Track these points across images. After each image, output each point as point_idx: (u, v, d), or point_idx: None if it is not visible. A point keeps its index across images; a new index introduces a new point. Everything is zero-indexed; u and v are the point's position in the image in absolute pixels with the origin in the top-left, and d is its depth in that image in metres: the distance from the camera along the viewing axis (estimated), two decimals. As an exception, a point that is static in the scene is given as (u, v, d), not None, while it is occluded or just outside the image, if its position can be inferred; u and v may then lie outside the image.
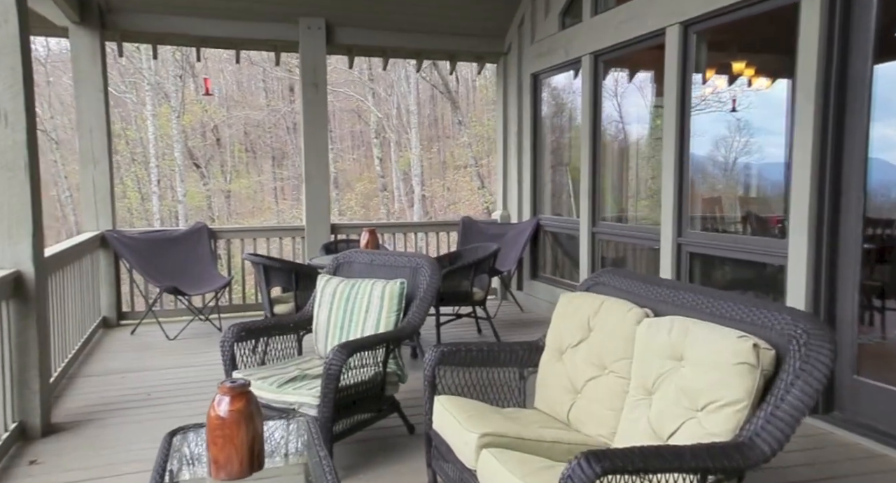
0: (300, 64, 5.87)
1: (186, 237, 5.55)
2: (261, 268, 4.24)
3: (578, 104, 5.34)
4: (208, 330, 5.28)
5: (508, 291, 5.96)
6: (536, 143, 5.98)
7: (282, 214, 23.76)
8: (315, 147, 5.88)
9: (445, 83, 22.11)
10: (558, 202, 6.05)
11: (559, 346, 2.43)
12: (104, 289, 5.37)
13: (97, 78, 5.27)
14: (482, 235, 6.19)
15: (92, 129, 5.27)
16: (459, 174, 25.24)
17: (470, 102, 24.07)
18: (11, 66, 2.96)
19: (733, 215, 5.29)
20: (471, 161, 22.06)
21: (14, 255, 3.02)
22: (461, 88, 23.19)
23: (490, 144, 24.83)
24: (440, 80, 21.54)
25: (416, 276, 3.09)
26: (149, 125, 18.29)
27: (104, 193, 5.34)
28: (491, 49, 6.37)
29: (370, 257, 3.29)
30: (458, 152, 24.79)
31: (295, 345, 3.17)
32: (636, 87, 5.11)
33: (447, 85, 22.43)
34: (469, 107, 23.48)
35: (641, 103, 5.07)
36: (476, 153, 22.30)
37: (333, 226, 6.01)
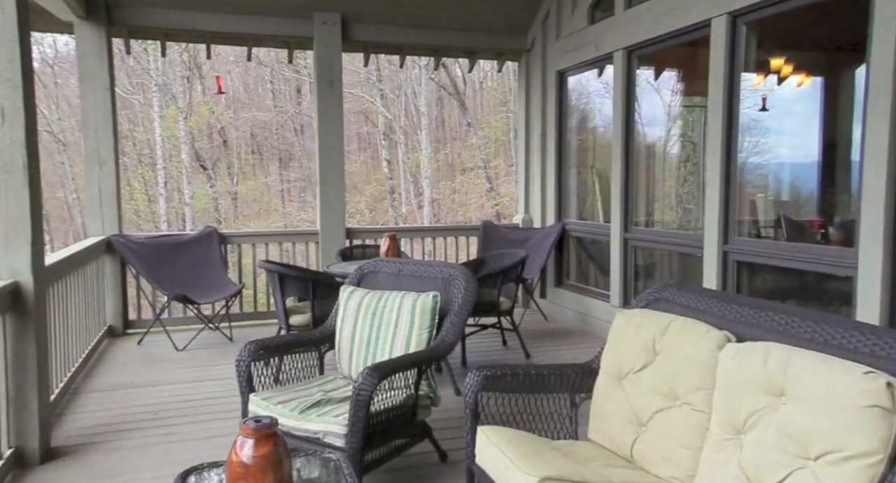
0: (315, 61, 5.63)
1: (196, 242, 5.30)
2: (276, 276, 3.98)
3: (608, 103, 5.07)
4: (218, 340, 5.03)
5: (532, 299, 5.68)
6: (561, 144, 5.71)
7: (288, 217, 23.57)
8: (330, 147, 5.63)
9: (454, 84, 21.87)
10: (584, 206, 5.77)
11: (618, 371, 2.16)
12: (110, 296, 5.13)
13: (103, 75, 5.03)
14: (504, 241, 5.92)
15: (98, 129, 5.04)
16: (467, 177, 24.98)
17: (476, 104, 23.82)
18: (9, 57, 2.71)
19: (767, 219, 5.01)
20: (479, 163, 21.80)
21: (11, 265, 2.78)
22: (468, 90, 22.95)
23: (498, 146, 24.57)
24: (449, 82, 21.30)
25: (448, 288, 2.82)
26: (156, 127, 18.13)
27: (110, 196, 5.10)
28: (512, 46, 6.11)
29: (397, 267, 3.03)
30: (466, 154, 24.55)
31: (316, 363, 2.90)
32: (671, 84, 4.83)
33: (456, 86, 22.20)
34: (476, 108, 23.23)
35: (677, 101, 4.80)
36: (485, 155, 22.03)
37: (348, 230, 5.75)
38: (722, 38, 3.63)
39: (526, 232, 5.96)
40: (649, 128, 4.85)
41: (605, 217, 5.55)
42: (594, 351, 4.85)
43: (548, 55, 5.75)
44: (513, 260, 4.43)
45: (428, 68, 17.61)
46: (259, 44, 5.86)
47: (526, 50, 6.10)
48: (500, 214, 21.29)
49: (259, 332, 5.32)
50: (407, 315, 2.71)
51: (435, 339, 2.69)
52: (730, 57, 3.62)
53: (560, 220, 5.74)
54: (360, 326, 2.82)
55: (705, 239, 3.81)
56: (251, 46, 5.86)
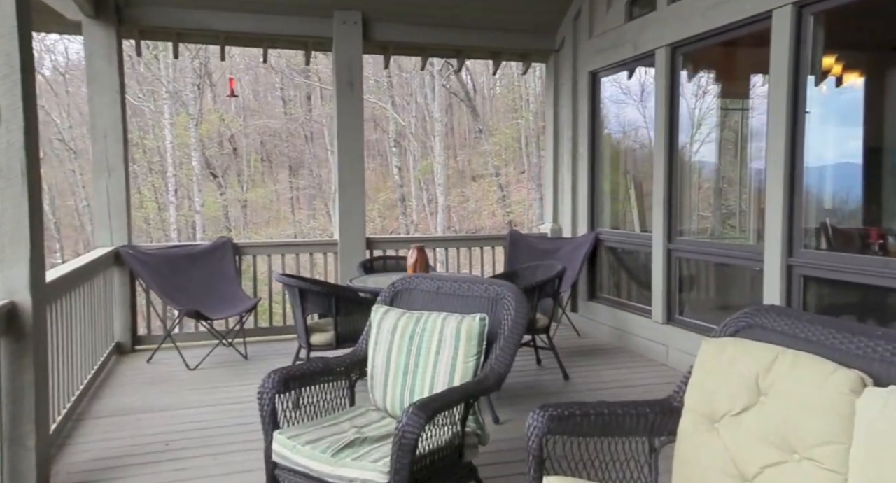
0: (334, 62, 5.35)
1: (209, 253, 5.02)
2: (296, 291, 3.68)
3: (646, 104, 4.75)
4: (232, 357, 4.73)
5: (563, 313, 5.35)
6: (594, 149, 5.39)
7: (298, 225, 23.39)
8: (350, 151, 5.34)
9: (466, 90, 21.63)
10: (619, 214, 5.44)
11: (709, 412, 1.83)
12: (118, 311, 4.85)
13: (113, 78, 4.78)
14: (532, 251, 5.60)
15: (107, 135, 4.78)
16: (479, 184, 24.71)
17: (486, 111, 23.58)
18: (6, 51, 2.44)
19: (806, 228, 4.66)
20: (491, 170, 21.51)
21: (7, 283, 2.49)
22: (477, 97, 22.72)
23: (510, 154, 24.31)
24: (460, 88, 21.07)
25: (496, 308, 2.50)
26: (166, 134, 17.99)
27: (119, 205, 4.83)
28: (540, 46, 5.81)
29: (435, 284, 2.71)
30: (477, 161, 24.28)
31: (346, 392, 2.59)
32: (720, 83, 4.51)
33: (467, 93, 21.97)
34: (486, 115, 22.98)
35: (725, 102, 4.48)
36: (497, 162, 21.75)
37: (369, 241, 5.45)
38: (785, 32, 3.31)
39: (556, 242, 5.64)
40: (696, 130, 4.51)
41: (642, 226, 5.22)
42: (639, 372, 4.41)
43: (579, 55, 5.44)
44: (550, 273, 4.11)
45: (442, 74, 17.37)
46: (275, 45, 5.60)
47: (554, 50, 5.80)
48: (512, 222, 20.96)
49: (275, 348, 5.03)
50: (450, 340, 2.39)
51: (482, 368, 2.37)
52: (794, 53, 3.30)
53: (593, 229, 5.41)
54: (397, 352, 2.50)
55: (766, 251, 3.47)
56: (267, 48, 5.60)
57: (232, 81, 6.99)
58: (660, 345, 4.40)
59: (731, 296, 4.28)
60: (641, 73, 4.91)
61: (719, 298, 4.39)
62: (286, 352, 4.90)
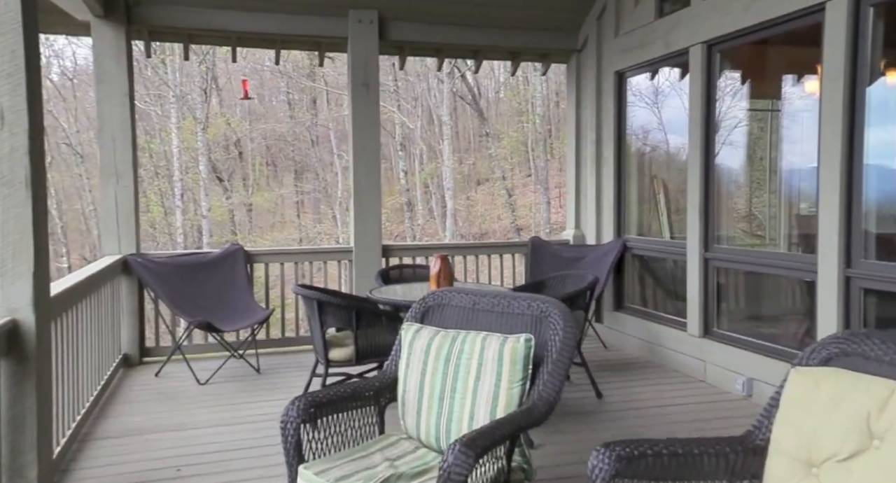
0: (349, 62, 5.15)
1: (220, 262, 4.81)
2: (314, 304, 3.46)
3: (677, 105, 4.53)
4: (244, 371, 4.52)
5: (589, 325, 5.11)
6: (621, 153, 5.16)
7: (304, 229, 23.26)
8: (365, 154, 5.13)
9: (472, 94, 21.47)
10: (646, 221, 5.21)
11: (806, 456, 1.59)
12: (126, 322, 4.64)
13: (122, 80, 4.59)
14: (555, 259, 5.37)
15: (115, 139, 4.59)
16: (485, 188, 24.52)
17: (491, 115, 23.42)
18: (11, 47, 2.24)
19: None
20: (498, 174, 21.31)
21: (8, 299, 2.28)
22: (482, 101, 22.56)
23: (516, 158, 24.09)
24: (467, 91, 20.90)
25: (541, 328, 2.28)
26: (173, 138, 17.86)
27: (127, 211, 4.64)
28: (561, 45, 5.60)
29: (471, 299, 2.49)
30: (482, 165, 24.08)
31: (375, 420, 2.36)
32: (762, 82, 4.29)
33: (474, 96, 21.81)
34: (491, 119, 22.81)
35: (770, 103, 4.26)
36: (504, 166, 21.55)
37: (385, 248, 5.24)
38: (841, 26, 3.08)
39: (580, 250, 5.41)
40: (729, 133, 4.28)
41: (671, 233, 4.99)
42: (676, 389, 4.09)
43: (604, 54, 5.22)
44: (581, 284, 3.89)
45: (450, 77, 17.19)
46: (288, 46, 5.41)
47: (577, 50, 5.58)
48: (519, 227, 20.73)
49: (288, 361, 4.82)
50: (492, 363, 2.17)
51: (528, 396, 2.15)
52: (851, 49, 3.07)
53: (619, 236, 5.18)
54: (431, 376, 2.28)
55: (820, 261, 3.24)
56: (279, 49, 5.40)
57: (245, 83, 6.81)
58: (696, 360, 4.16)
59: (774, 308, 4.04)
60: (672, 73, 4.69)
61: (762, 311, 4.15)
62: (299, 365, 4.69)
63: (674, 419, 3.47)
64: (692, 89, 4.16)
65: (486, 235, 22.39)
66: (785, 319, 3.97)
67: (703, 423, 3.39)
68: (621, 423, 3.44)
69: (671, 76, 4.73)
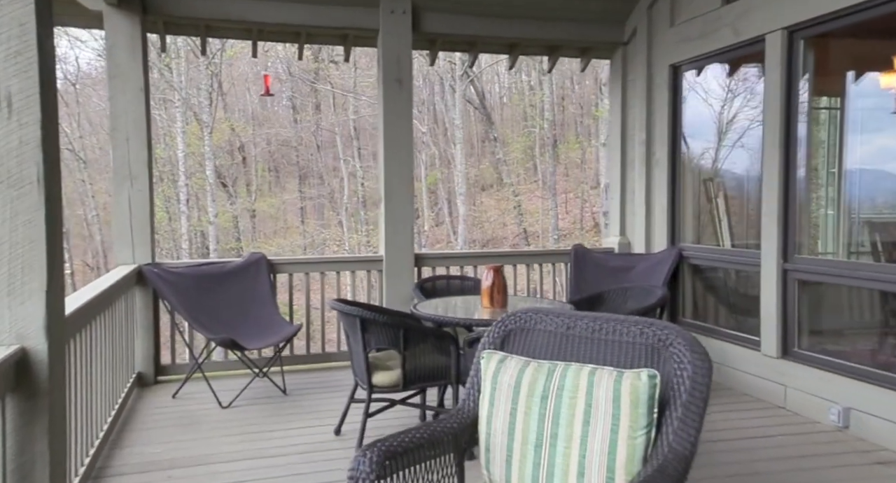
0: (380, 57, 4.78)
1: (242, 271, 4.43)
2: (356, 322, 3.07)
3: (746, 100, 4.16)
4: (269, 391, 4.13)
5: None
6: (675, 154, 4.78)
7: (308, 235, 22.92)
8: (397, 156, 4.76)
9: (481, 98, 21.20)
10: (702, 227, 4.82)
11: None
12: (140, 338, 4.26)
13: (137, 74, 4.22)
14: (601, 269, 4.98)
15: (129, 138, 4.21)
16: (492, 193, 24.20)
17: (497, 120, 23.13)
18: (20, 20, 1.86)
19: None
20: (506, 179, 20.97)
21: (16, 323, 1.90)
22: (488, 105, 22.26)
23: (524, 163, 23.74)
24: (475, 95, 20.61)
25: (658, 360, 1.89)
26: (178, 142, 17.53)
27: (143, 217, 4.26)
28: (605, 38, 5.22)
29: (564, 323, 2.09)
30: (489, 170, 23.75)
31: (454, 470, 1.97)
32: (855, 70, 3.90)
33: (482, 100, 21.53)
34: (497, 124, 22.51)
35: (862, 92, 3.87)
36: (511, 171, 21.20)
37: (417, 257, 4.85)
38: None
39: (627, 259, 5.02)
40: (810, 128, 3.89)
41: (732, 240, 4.61)
42: (754, 417, 3.70)
43: (655, 47, 4.85)
44: (648, 299, 3.50)
45: (464, 79, 16.86)
46: (313, 39, 5.05)
47: (623, 43, 5.21)
48: (527, 232, 20.36)
49: (315, 380, 4.43)
50: (606, 405, 1.77)
51: (655, 448, 1.75)
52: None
53: (673, 244, 4.79)
54: (524, 417, 1.89)
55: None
56: (303, 43, 5.04)
57: (267, 78, 6.42)
58: (773, 383, 3.75)
59: (872, 325, 3.64)
60: (739, 65, 4.31)
61: (856, 328, 3.75)
62: (328, 385, 4.30)
63: (768, 455, 3.05)
64: (768, 82, 3.77)
65: (495, 242, 22.02)
66: (887, 340, 3.56)
67: (800, 460, 2.98)
68: (707, 460, 3.01)
69: (738, 68, 4.34)
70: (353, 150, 22.24)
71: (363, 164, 23.35)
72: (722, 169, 4.75)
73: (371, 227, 22.55)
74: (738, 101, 4.38)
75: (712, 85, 4.63)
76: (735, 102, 4.43)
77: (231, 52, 19.88)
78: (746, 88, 4.30)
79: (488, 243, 22.06)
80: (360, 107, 22.23)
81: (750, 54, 4.02)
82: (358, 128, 23.53)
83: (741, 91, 4.39)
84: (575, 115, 26.11)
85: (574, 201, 22.95)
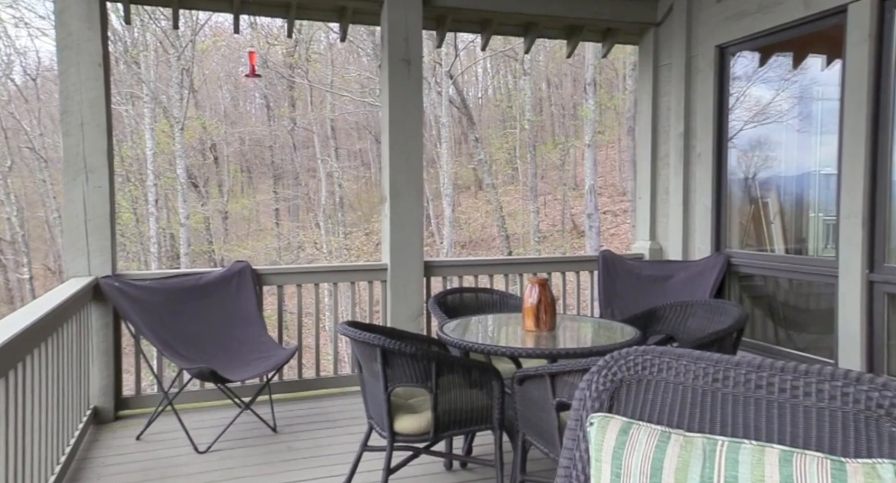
0: (386, 34, 4.12)
1: (223, 284, 3.71)
2: (377, 353, 2.40)
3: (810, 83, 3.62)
4: (255, 429, 3.43)
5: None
6: (721, 147, 4.22)
7: (283, 238, 22.07)
8: (405, 148, 4.10)
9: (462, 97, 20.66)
10: (748, 231, 4.28)
11: None
12: (97, 365, 3.51)
13: (94, 45, 3.48)
14: (634, 278, 4.40)
15: (84, 122, 3.47)
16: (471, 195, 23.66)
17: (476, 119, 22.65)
18: None
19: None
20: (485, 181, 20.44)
21: None
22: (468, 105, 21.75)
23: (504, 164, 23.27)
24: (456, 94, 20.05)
25: (883, 440, 1.28)
26: (146, 140, 16.51)
27: (101, 220, 3.51)
28: (635, 17, 4.65)
29: (709, 370, 1.46)
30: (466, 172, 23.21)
31: None
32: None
33: (464, 99, 21.00)
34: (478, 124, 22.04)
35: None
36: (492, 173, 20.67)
37: (427, 265, 4.20)
38: None
39: (664, 267, 4.44)
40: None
41: (786, 246, 4.07)
42: None
43: (697, 26, 4.29)
44: (723, 319, 2.90)
45: (448, 77, 16.23)
46: (305, 13, 4.35)
47: (655, 23, 4.65)
48: (508, 236, 19.85)
49: (309, 412, 3.74)
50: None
51: None
52: None
53: (719, 250, 4.23)
54: (671, 518, 1.25)
55: None
56: (293, 18, 4.34)
57: (253, 56, 5.59)
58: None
59: None
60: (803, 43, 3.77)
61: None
62: (325, 417, 3.62)
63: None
64: (851, 60, 3.23)
65: (476, 244, 21.48)
66: None
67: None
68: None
69: (799, 48, 3.80)
70: (331, 150, 21.47)
71: (341, 164, 22.56)
72: (776, 163, 4.20)
73: (350, 230, 21.78)
74: (800, 84, 3.84)
75: (765, 66, 4.08)
76: (796, 85, 3.89)
77: (203, 45, 18.93)
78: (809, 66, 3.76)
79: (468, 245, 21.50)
80: (339, 104, 21.46)
81: (825, 28, 3.46)
82: (336, 127, 22.73)
83: (805, 72, 3.84)
84: (556, 116, 25.76)
85: (553, 204, 22.57)
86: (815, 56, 3.74)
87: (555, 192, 22.81)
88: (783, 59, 3.91)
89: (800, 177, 4.02)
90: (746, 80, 4.15)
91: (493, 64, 24.33)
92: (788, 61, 3.89)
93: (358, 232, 22.44)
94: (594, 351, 2.47)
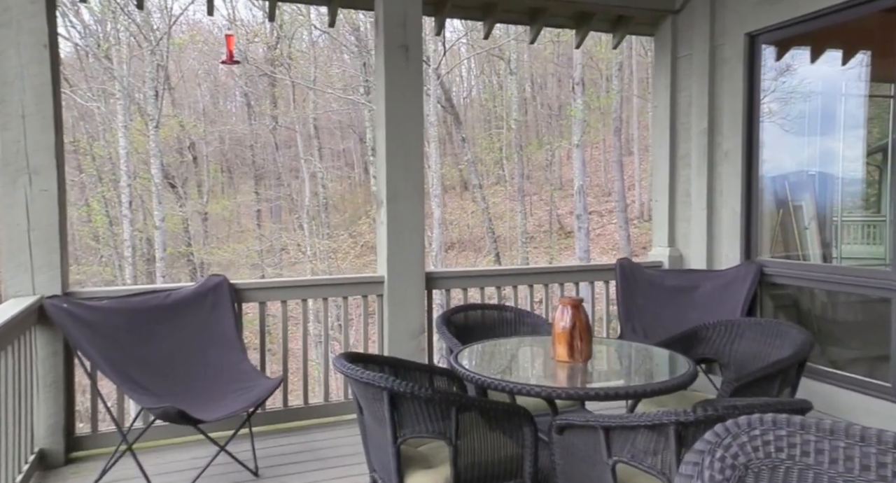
0: (380, 18, 3.65)
1: (195, 303, 3.20)
2: (385, 397, 1.93)
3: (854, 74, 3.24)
4: (232, 473, 2.93)
5: (714, 386, 3.74)
6: (751, 145, 3.83)
7: (265, 240, 21.41)
8: (403, 145, 3.64)
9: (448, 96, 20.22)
10: (778, 238, 3.90)
11: None
12: (43, 399, 2.98)
13: (38, 23, 2.95)
14: (655, 289, 3.99)
15: (26, 114, 2.94)
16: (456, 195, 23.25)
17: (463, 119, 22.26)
18: None
19: None
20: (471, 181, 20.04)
21: None
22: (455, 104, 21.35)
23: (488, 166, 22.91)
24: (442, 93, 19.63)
25: None
26: (120, 139, 15.75)
27: (47, 229, 2.98)
28: (651, 4, 4.25)
29: (863, 458, 1.04)
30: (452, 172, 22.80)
31: None
32: None
33: (450, 98, 20.55)
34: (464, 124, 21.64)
35: None
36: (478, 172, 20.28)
37: (429, 277, 3.74)
38: None
39: (687, 276, 4.03)
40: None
41: (823, 254, 3.69)
42: None
43: (723, 13, 3.90)
44: (783, 346, 2.49)
45: (438, 72, 15.78)
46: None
47: (673, 11, 4.25)
48: (495, 238, 19.47)
49: (294, 447, 3.25)
50: None
51: None
52: None
53: (749, 258, 3.83)
54: None
55: None
56: (276, 1, 3.86)
57: (230, 40, 5.00)
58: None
59: None
60: (846, 30, 3.39)
61: None
62: (314, 455, 3.15)
63: None
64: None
65: (463, 245, 21.07)
66: None
67: None
68: None
69: (841, 36, 3.43)
70: (314, 150, 20.89)
71: (325, 164, 21.96)
72: (811, 163, 3.82)
73: (335, 232, 21.19)
74: (839, 75, 3.46)
75: (802, 56, 3.70)
76: (835, 76, 3.51)
77: (179, 40, 18.21)
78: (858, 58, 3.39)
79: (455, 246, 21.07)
80: (322, 102, 20.89)
81: (866, 14, 3.08)
82: (319, 126, 22.13)
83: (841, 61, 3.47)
84: (541, 116, 25.46)
85: (539, 204, 22.27)
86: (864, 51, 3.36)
87: (541, 193, 22.52)
88: (827, 47, 3.53)
89: (842, 179, 3.65)
90: (778, 71, 3.76)
91: (478, 63, 23.96)
92: (837, 54, 3.50)
93: (343, 234, 21.88)
94: (648, 390, 2.04)
